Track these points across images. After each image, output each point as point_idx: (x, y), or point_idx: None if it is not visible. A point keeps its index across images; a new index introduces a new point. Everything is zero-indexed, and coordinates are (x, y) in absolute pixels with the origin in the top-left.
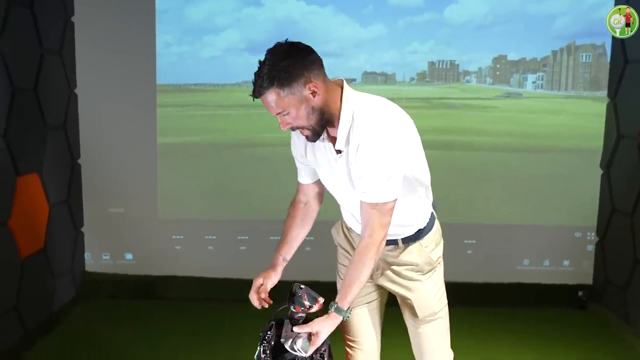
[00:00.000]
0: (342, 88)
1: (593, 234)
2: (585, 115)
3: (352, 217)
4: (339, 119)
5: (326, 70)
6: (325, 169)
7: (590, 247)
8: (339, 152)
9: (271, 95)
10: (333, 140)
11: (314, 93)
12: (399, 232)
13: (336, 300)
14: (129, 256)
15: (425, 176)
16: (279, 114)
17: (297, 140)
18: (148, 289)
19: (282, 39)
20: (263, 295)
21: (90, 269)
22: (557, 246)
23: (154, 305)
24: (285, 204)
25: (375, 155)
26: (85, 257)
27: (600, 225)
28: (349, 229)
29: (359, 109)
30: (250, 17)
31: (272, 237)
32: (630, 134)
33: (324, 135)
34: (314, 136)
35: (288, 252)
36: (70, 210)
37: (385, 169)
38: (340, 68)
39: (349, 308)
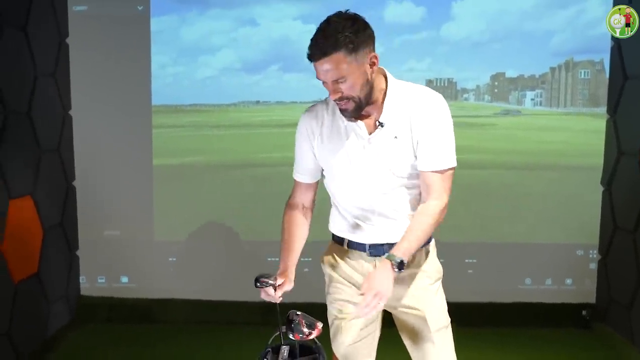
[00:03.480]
0: (384, 72)
1: (595, 251)
2: (584, 132)
3: (363, 225)
4: (384, 96)
5: (324, 89)
6: (344, 157)
7: (593, 265)
8: (378, 126)
9: (335, 60)
10: (365, 118)
11: (372, 64)
12: None
13: (391, 251)
14: (124, 279)
15: None
16: (335, 80)
17: (308, 129)
18: (144, 312)
19: (278, 59)
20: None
21: (86, 292)
22: (559, 264)
23: (150, 329)
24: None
25: (441, 119)
26: (80, 280)
27: (602, 242)
28: (346, 251)
29: (409, 86)
30: (246, 36)
31: (269, 258)
32: (630, 150)
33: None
34: (355, 111)
35: (295, 259)
36: (65, 233)
37: (448, 133)
38: None
39: (402, 262)
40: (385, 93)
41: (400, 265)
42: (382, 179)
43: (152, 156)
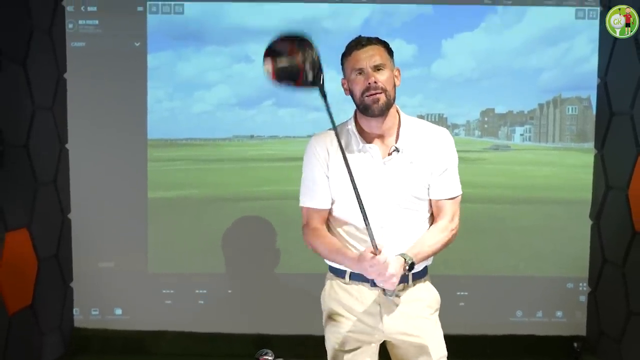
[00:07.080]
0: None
1: (585, 284)
2: (573, 167)
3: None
4: (398, 125)
5: (317, 124)
6: (358, 178)
7: (583, 298)
8: (394, 151)
9: (378, 49)
10: (379, 143)
11: (397, 77)
12: None
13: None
14: (118, 311)
15: None
16: (378, 65)
17: (322, 150)
18: (138, 344)
19: (272, 95)
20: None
21: (79, 324)
22: (550, 297)
23: None
24: (278, 257)
25: (454, 152)
26: (74, 312)
27: (592, 276)
28: (348, 283)
29: (418, 119)
30: (240, 73)
31: (262, 291)
32: (618, 185)
33: (364, 140)
34: (384, 107)
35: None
36: (60, 265)
37: (456, 163)
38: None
39: (412, 263)
40: (399, 122)
41: (411, 267)
42: (394, 201)
43: (147, 189)
